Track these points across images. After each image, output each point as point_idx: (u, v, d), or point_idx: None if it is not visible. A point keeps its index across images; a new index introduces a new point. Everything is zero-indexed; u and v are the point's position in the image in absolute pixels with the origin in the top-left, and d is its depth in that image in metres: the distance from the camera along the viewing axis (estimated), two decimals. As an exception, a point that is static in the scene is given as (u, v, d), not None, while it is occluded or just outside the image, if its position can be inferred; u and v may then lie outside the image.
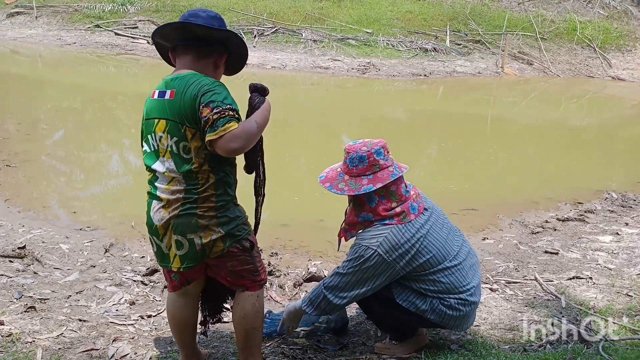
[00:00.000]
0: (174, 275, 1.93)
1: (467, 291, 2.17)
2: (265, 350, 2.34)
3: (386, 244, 2.05)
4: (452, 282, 2.13)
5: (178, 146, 1.78)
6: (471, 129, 7.84)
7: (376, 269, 2.06)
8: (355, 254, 2.08)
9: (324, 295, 2.14)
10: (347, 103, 9.67)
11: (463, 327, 2.27)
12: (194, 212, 1.80)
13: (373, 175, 2.08)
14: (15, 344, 2.25)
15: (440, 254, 2.12)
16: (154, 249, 1.92)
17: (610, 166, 6.42)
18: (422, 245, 2.08)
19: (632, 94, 11.65)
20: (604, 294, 2.90)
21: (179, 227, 1.81)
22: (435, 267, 2.10)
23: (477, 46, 12.84)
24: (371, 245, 2.05)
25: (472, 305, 2.21)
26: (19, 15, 15.04)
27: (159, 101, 1.81)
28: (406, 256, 2.06)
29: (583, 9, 14.42)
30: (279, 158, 6.01)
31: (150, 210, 1.86)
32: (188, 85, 1.75)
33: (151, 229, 1.87)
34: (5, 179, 4.65)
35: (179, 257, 1.84)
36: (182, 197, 1.80)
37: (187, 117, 1.75)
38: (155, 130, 1.81)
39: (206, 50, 1.86)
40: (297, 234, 3.87)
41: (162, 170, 1.81)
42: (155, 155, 1.84)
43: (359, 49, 12.33)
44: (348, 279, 2.10)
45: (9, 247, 3.22)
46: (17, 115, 6.93)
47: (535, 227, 4.04)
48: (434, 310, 2.14)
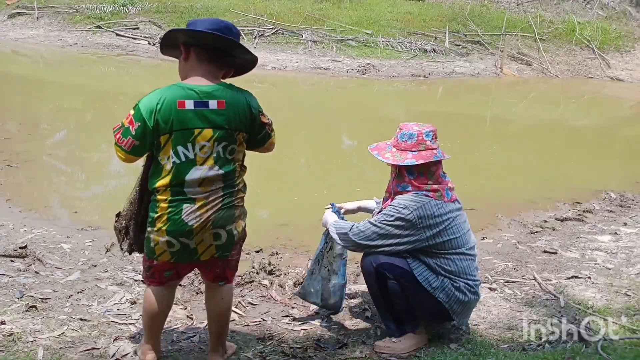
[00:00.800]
0: (168, 272, 2.03)
1: (474, 281, 2.34)
2: (266, 350, 2.36)
3: (422, 210, 2.21)
4: (465, 268, 2.30)
5: (225, 151, 1.92)
6: (470, 130, 7.85)
7: (404, 230, 2.22)
8: (391, 211, 2.24)
9: (348, 230, 2.31)
10: (346, 104, 9.68)
11: (464, 316, 2.36)
12: (232, 204, 1.97)
13: (418, 152, 2.26)
14: (16, 343, 2.26)
15: (462, 239, 2.30)
16: (173, 249, 1.95)
17: (609, 166, 6.44)
18: (450, 225, 2.25)
19: (630, 94, 11.67)
20: (602, 294, 2.92)
21: (220, 220, 1.93)
22: (454, 249, 2.27)
23: (476, 47, 12.85)
24: (409, 207, 2.22)
25: (475, 295, 2.35)
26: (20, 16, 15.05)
27: (201, 111, 1.85)
28: (434, 229, 2.22)
29: (582, 10, 14.43)
30: (279, 158, 6.02)
31: (178, 215, 1.90)
32: (237, 95, 1.92)
33: (181, 232, 1.91)
34: (6, 179, 4.66)
35: (214, 247, 1.97)
36: (221, 193, 1.93)
37: (244, 124, 1.94)
38: (197, 139, 1.86)
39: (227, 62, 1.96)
40: (297, 233, 3.88)
41: (200, 176, 1.89)
42: (189, 164, 1.88)
43: (358, 49, 12.34)
44: (376, 230, 2.26)
45: (11, 247, 3.23)
46: (18, 116, 6.94)
47: (534, 227, 4.05)
48: (443, 289, 2.27)
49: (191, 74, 1.91)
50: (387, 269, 2.29)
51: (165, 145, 1.87)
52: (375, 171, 5.87)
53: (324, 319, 2.69)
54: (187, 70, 1.94)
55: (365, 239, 2.27)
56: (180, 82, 1.93)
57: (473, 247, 2.38)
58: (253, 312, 2.73)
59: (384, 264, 2.29)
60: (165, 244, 1.94)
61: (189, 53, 1.92)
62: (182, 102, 1.83)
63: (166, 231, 1.92)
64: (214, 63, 1.92)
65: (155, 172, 1.93)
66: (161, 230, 1.93)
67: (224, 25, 1.91)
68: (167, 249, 1.95)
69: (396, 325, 2.38)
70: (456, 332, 2.55)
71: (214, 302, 2.13)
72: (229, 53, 1.94)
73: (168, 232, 1.92)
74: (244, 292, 2.93)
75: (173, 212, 1.90)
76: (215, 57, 1.91)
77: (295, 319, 2.69)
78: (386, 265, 2.29)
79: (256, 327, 2.59)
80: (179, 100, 1.83)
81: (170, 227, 1.91)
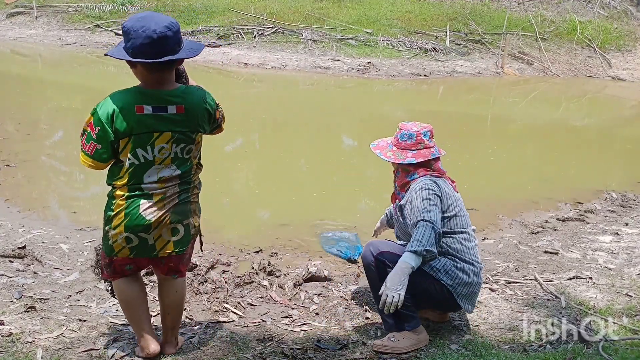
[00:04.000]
0: (129, 266, 2.09)
1: (478, 263, 2.43)
2: (265, 351, 2.34)
3: (439, 184, 2.40)
4: (469, 249, 2.40)
5: (183, 152, 2.00)
6: (471, 129, 7.84)
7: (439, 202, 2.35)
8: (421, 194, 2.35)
9: (432, 227, 2.26)
10: (347, 103, 9.67)
11: (470, 299, 2.41)
12: (188, 200, 2.06)
13: (417, 151, 2.44)
14: (15, 343, 2.25)
15: (466, 221, 2.45)
16: (132, 244, 2.00)
17: (610, 166, 6.42)
18: (458, 203, 2.43)
19: (632, 94, 11.65)
20: (604, 294, 2.90)
21: (177, 215, 2.02)
22: (460, 228, 2.40)
23: (477, 46, 12.84)
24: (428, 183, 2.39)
25: (478, 278, 2.41)
26: (19, 15, 15.05)
27: (159, 116, 1.92)
28: (449, 201, 2.39)
29: (583, 9, 14.41)
30: (279, 158, 6.02)
31: (136, 210, 1.96)
32: (194, 99, 1.99)
33: (139, 226, 1.97)
34: (5, 179, 4.65)
35: (172, 243, 2.04)
36: (178, 189, 2.01)
37: (203, 125, 2.02)
38: (156, 142, 1.93)
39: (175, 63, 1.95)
40: (297, 234, 3.87)
41: (158, 176, 1.97)
42: (148, 165, 1.95)
43: (359, 49, 12.33)
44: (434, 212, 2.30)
45: (9, 247, 3.22)
46: (17, 115, 6.93)
47: (535, 227, 4.04)
48: (447, 271, 2.33)
49: (147, 80, 1.94)
50: (387, 257, 2.34)
51: (124, 147, 1.93)
52: (375, 171, 5.86)
53: (324, 320, 2.68)
54: (142, 78, 1.95)
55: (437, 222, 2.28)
56: (139, 85, 1.96)
57: (474, 232, 2.50)
58: (253, 313, 2.72)
59: (384, 253, 2.37)
60: (124, 240, 1.99)
61: (137, 67, 1.93)
62: (140, 107, 1.89)
63: (124, 226, 1.97)
64: (164, 71, 1.93)
65: (114, 171, 1.99)
66: (119, 226, 1.97)
67: (157, 37, 1.83)
68: (125, 245, 2.00)
69: (395, 322, 2.36)
70: (457, 332, 2.54)
71: (168, 295, 2.18)
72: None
73: (127, 227, 1.97)
74: (243, 292, 2.92)
75: (131, 208, 1.96)
76: (164, 66, 1.90)
77: (295, 319, 2.68)
78: (386, 254, 2.36)
79: (256, 328, 2.58)
80: (137, 106, 1.89)
81: (128, 222, 1.96)
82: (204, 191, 2.20)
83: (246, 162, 6.08)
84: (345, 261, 3.41)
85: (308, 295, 2.93)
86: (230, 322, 2.61)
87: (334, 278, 3.11)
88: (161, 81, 1.94)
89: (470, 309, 2.46)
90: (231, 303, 2.78)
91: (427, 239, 2.23)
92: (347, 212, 4.42)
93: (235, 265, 3.26)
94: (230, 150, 6.53)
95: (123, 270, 2.11)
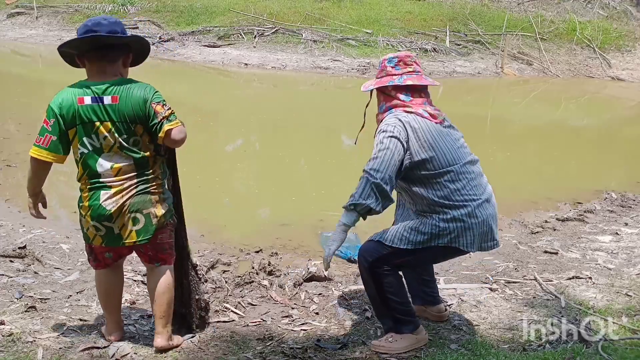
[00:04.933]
0: (108, 254, 2.21)
1: (472, 201, 2.22)
2: (265, 350, 2.35)
3: (399, 124, 2.19)
4: (457, 190, 2.20)
5: (128, 141, 2.08)
6: (471, 129, 7.82)
7: (395, 147, 2.16)
8: (376, 139, 2.22)
9: (366, 179, 2.16)
10: (347, 103, 9.67)
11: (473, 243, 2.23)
12: (147, 191, 2.13)
13: (379, 79, 2.33)
14: (15, 343, 2.25)
15: (451, 158, 2.21)
16: (101, 233, 2.14)
17: (610, 166, 6.42)
18: (434, 142, 2.20)
19: (631, 94, 11.66)
20: (603, 294, 2.91)
21: (136, 205, 2.11)
22: (440, 169, 2.19)
23: (476, 46, 12.85)
24: (387, 122, 2.22)
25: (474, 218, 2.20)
26: (19, 15, 15.07)
27: (98, 106, 2.05)
28: (417, 142, 2.18)
29: (582, 10, 14.42)
30: (279, 158, 6.02)
31: (97, 200, 2.10)
32: (131, 90, 2.06)
33: (101, 216, 2.10)
34: (5, 179, 4.66)
35: (135, 232, 2.13)
36: (135, 180, 2.11)
37: (139, 117, 2.06)
38: (98, 131, 2.06)
39: (115, 54, 2.11)
40: (297, 234, 3.87)
41: (109, 164, 2.08)
42: (97, 152, 2.08)
43: (358, 49, 12.34)
44: (380, 159, 2.15)
45: (10, 247, 3.23)
46: (17, 115, 6.94)
47: (534, 227, 4.04)
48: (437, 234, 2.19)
49: (90, 74, 2.12)
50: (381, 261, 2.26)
51: (74, 138, 2.08)
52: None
53: (324, 319, 2.68)
54: (87, 71, 2.14)
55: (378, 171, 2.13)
56: (85, 79, 2.13)
57: (469, 162, 2.28)
58: (253, 313, 2.73)
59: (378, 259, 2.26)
60: (94, 228, 2.14)
61: (82, 61, 2.12)
62: (81, 98, 2.05)
63: (90, 216, 2.12)
64: (102, 61, 2.08)
65: (77, 165, 2.15)
66: (87, 216, 2.14)
67: (92, 23, 2.05)
68: (96, 233, 2.15)
69: (394, 324, 2.36)
70: (456, 332, 2.55)
71: (152, 283, 2.26)
72: (112, 46, 2.09)
73: (92, 217, 2.12)
74: (243, 292, 2.93)
75: (93, 199, 2.11)
76: (100, 56, 2.08)
77: (295, 319, 2.68)
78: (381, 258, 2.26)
79: (256, 327, 2.58)
80: (79, 97, 2.05)
81: (92, 212, 2.11)
82: (204, 191, 2.22)
83: (246, 162, 6.09)
84: (345, 261, 3.42)
85: (308, 295, 2.93)
86: (230, 322, 2.61)
87: (334, 278, 3.11)
88: (101, 72, 2.08)
89: (492, 245, 2.31)
90: (231, 303, 2.78)
91: (359, 191, 2.16)
92: (347, 212, 4.42)
93: (235, 265, 3.26)
94: (230, 150, 6.54)
95: (104, 258, 2.23)
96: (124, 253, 2.28)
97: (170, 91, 9.87)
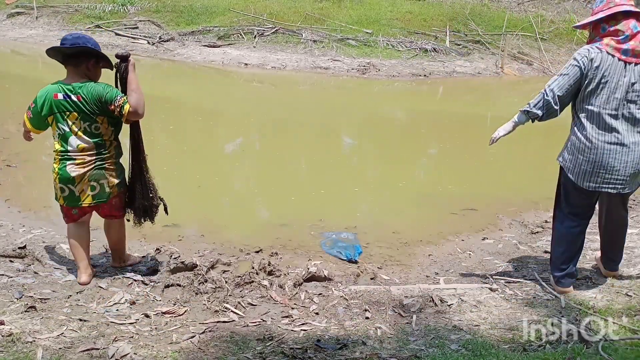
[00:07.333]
0: (74, 211, 2.88)
1: (593, 141, 2.74)
2: (265, 350, 2.35)
3: (586, 54, 2.62)
4: (590, 127, 2.74)
5: (90, 127, 2.78)
6: (471, 129, 7.84)
7: (572, 69, 2.66)
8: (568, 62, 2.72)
9: (541, 95, 2.84)
10: (347, 103, 9.67)
11: (607, 170, 2.72)
12: (103, 166, 2.84)
13: (592, 15, 2.68)
14: (15, 343, 2.26)
15: (604, 100, 2.65)
16: (65, 194, 2.82)
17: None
18: (605, 81, 2.61)
19: (631, 94, 11.63)
20: (603, 294, 2.91)
21: (94, 176, 2.81)
22: (592, 107, 2.69)
23: (476, 46, 12.83)
24: (579, 52, 2.67)
25: (596, 153, 2.74)
26: (19, 15, 15.06)
27: (67, 101, 2.74)
28: (594, 73, 2.60)
29: (583, 10, 14.41)
30: (279, 158, 6.02)
31: (64, 168, 2.79)
32: (89, 91, 2.73)
33: (67, 180, 2.79)
34: (5, 179, 4.66)
35: (91, 196, 2.84)
36: (94, 158, 2.80)
37: (98, 110, 2.75)
38: (68, 119, 2.76)
39: (77, 60, 2.77)
40: (297, 234, 3.87)
41: (77, 144, 2.78)
42: (68, 134, 2.78)
43: (358, 49, 12.33)
44: (559, 79, 2.73)
45: (10, 247, 3.23)
46: (17, 116, 6.90)
47: (534, 227, 4.04)
48: (566, 152, 3.01)
49: (67, 75, 2.80)
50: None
51: (52, 123, 2.81)
52: (374, 171, 5.87)
53: (324, 319, 2.68)
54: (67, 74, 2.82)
55: (542, 94, 2.82)
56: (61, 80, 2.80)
57: (622, 115, 2.65)
58: (253, 313, 2.73)
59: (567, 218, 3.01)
60: (59, 189, 2.83)
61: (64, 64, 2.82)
62: (56, 94, 2.76)
63: (59, 180, 2.82)
64: (71, 67, 2.78)
65: (54, 140, 2.84)
66: (56, 179, 2.82)
67: (62, 38, 2.79)
68: (61, 194, 2.84)
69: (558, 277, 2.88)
70: (457, 332, 2.54)
71: (109, 231, 3.08)
72: (75, 55, 2.75)
73: (59, 180, 2.81)
74: (243, 292, 2.92)
75: (61, 166, 2.80)
76: (71, 63, 2.77)
77: (295, 319, 2.68)
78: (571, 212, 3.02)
79: (256, 327, 2.58)
80: (54, 93, 2.76)
81: (60, 177, 2.81)
82: (203, 190, 2.21)
83: (246, 162, 6.09)
84: (345, 261, 3.42)
85: (308, 295, 2.93)
86: (230, 322, 2.61)
87: (334, 278, 3.11)
88: (72, 74, 2.77)
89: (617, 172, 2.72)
90: (231, 303, 2.78)
91: (534, 102, 2.85)
92: (347, 212, 4.43)
93: (235, 265, 3.26)
94: (230, 150, 6.54)
95: (71, 215, 2.91)
96: (87, 211, 2.92)
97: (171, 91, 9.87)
